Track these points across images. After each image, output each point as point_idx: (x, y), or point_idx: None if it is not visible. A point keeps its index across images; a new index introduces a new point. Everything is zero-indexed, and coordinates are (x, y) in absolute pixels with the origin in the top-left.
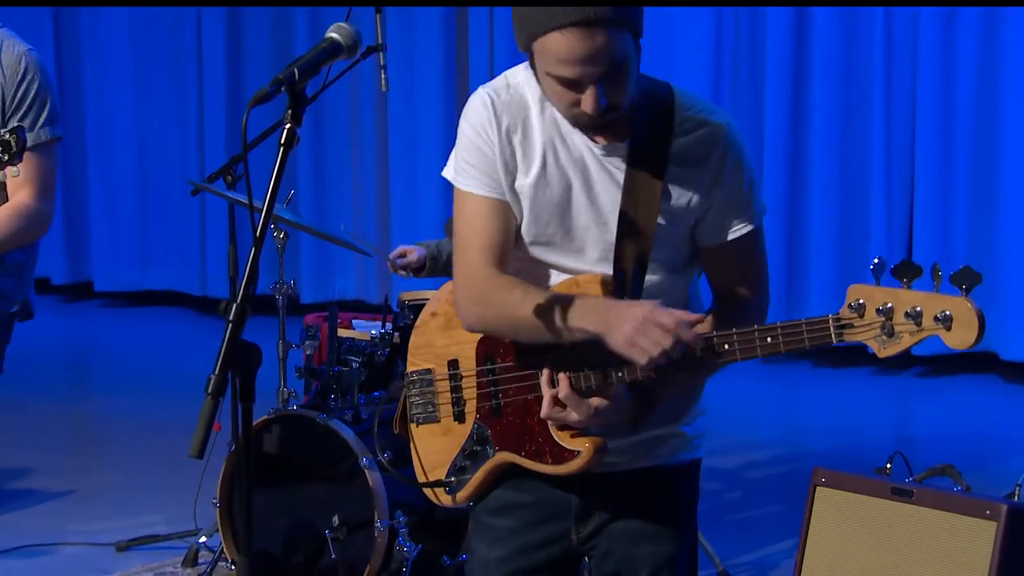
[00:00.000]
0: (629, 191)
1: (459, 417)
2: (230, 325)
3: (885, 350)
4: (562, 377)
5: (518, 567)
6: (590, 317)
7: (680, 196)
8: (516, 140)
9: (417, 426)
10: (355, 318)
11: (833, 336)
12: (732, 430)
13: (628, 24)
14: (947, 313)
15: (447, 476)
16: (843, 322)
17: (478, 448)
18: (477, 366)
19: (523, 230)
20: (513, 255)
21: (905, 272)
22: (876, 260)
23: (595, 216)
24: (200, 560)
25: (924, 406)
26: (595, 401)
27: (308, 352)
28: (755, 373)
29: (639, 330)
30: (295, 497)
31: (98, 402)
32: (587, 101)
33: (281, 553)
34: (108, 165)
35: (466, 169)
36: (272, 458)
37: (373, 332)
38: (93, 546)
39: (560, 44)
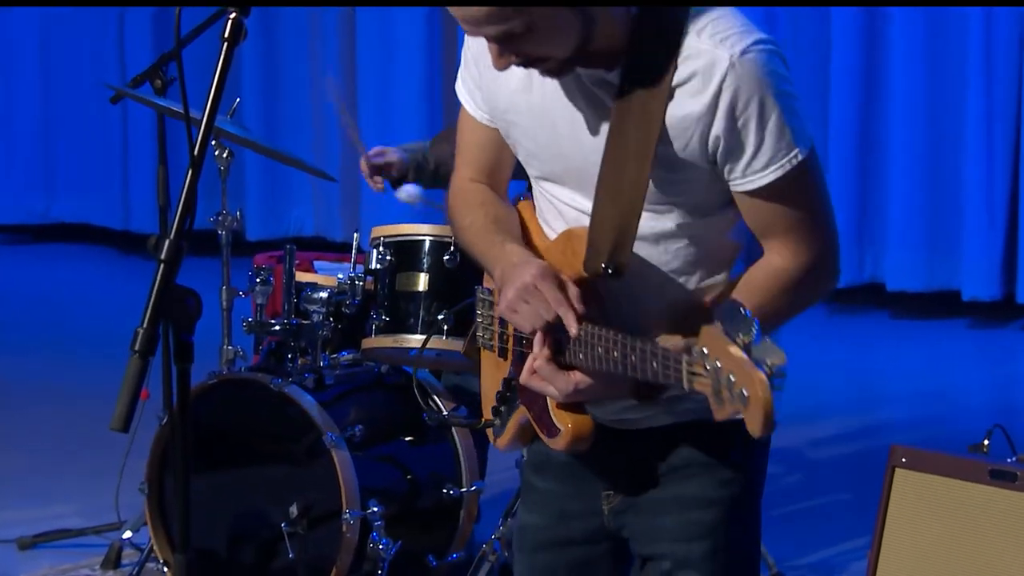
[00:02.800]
0: (617, 128)
1: (502, 353)
2: (161, 267)
3: (716, 412)
4: (543, 345)
5: (556, 538)
6: (497, 269)
7: (679, 136)
8: (483, 65)
9: (483, 349)
10: (317, 258)
11: (684, 380)
12: (789, 398)
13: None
14: (745, 393)
15: (493, 415)
16: (693, 368)
17: (509, 394)
18: None
19: (525, 163)
20: (541, 190)
21: (739, 325)
22: (724, 302)
23: (588, 153)
24: (124, 561)
25: None
26: (577, 376)
27: (259, 301)
28: (820, 324)
29: (519, 295)
30: (243, 482)
31: None
32: (492, 56)
33: (226, 551)
34: (0, 64)
35: (460, 85)
36: (215, 434)
37: (340, 276)
38: None
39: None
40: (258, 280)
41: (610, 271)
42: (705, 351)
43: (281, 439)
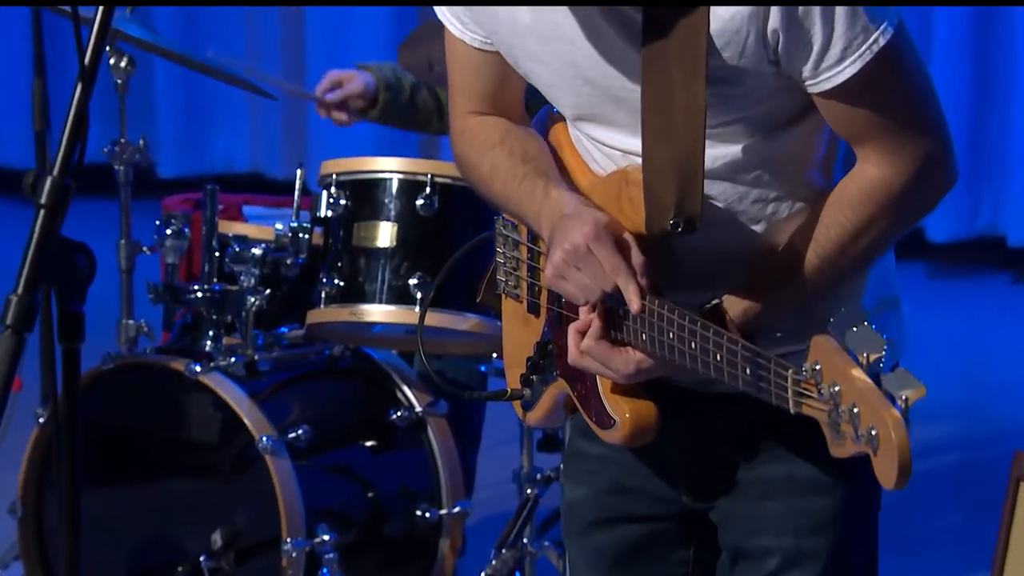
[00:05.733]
0: (652, 46)
1: (533, 309)
2: (41, 214)
3: (833, 448)
4: (594, 318)
5: (611, 514)
6: (545, 228)
7: (731, 43)
8: None
9: (505, 297)
10: (248, 203)
11: (790, 401)
12: None
13: None
14: (875, 432)
15: (521, 384)
16: (802, 387)
17: (543, 362)
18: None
19: (549, 100)
20: (578, 132)
21: (863, 341)
22: (842, 310)
23: (622, 79)
24: None
25: None
26: (639, 354)
27: (169, 260)
28: (916, 287)
29: (568, 259)
30: (150, 502)
31: None
32: None
33: None
34: None
35: (441, 7)
36: (113, 437)
37: (278, 227)
38: None
39: None
40: (169, 232)
41: (680, 227)
42: (818, 367)
43: (200, 444)
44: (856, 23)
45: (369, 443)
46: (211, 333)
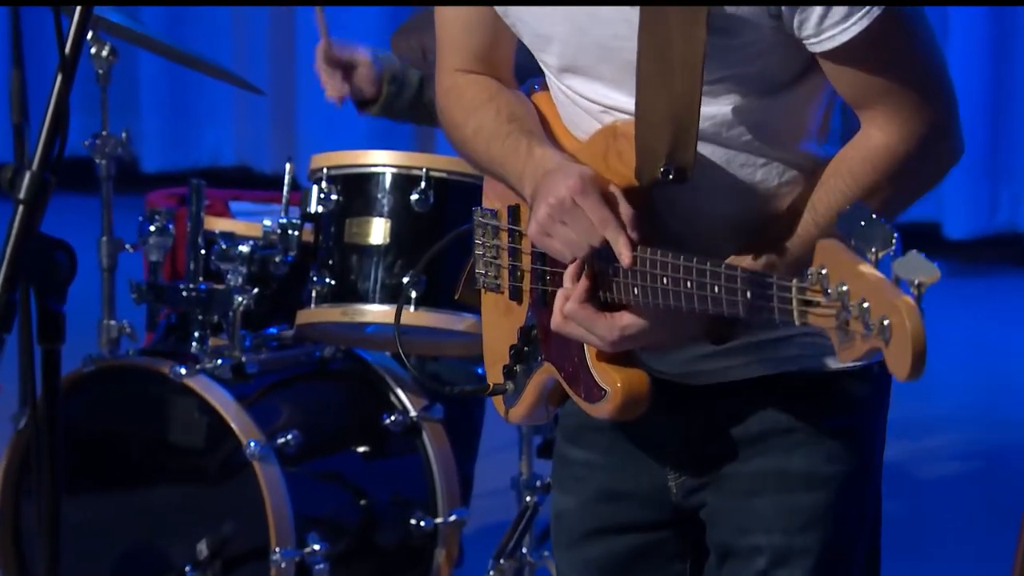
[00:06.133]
0: None
1: (516, 295)
2: (20, 209)
3: (841, 353)
4: (582, 280)
5: (602, 524)
6: (527, 185)
7: None
8: None
9: (485, 292)
10: (235, 198)
11: (795, 313)
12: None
13: None
14: (887, 323)
15: (504, 376)
16: (807, 295)
17: (528, 349)
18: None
19: (535, 52)
20: (562, 89)
21: (872, 237)
22: (849, 207)
23: (615, 26)
24: None
25: None
26: (624, 319)
27: (153, 258)
28: (939, 300)
29: (553, 214)
30: (133, 509)
31: None
32: None
33: None
34: None
35: None
36: (94, 442)
37: (266, 223)
38: None
39: None
40: (152, 228)
41: (671, 175)
42: (824, 271)
43: (185, 450)
44: None
45: (361, 449)
46: (196, 334)
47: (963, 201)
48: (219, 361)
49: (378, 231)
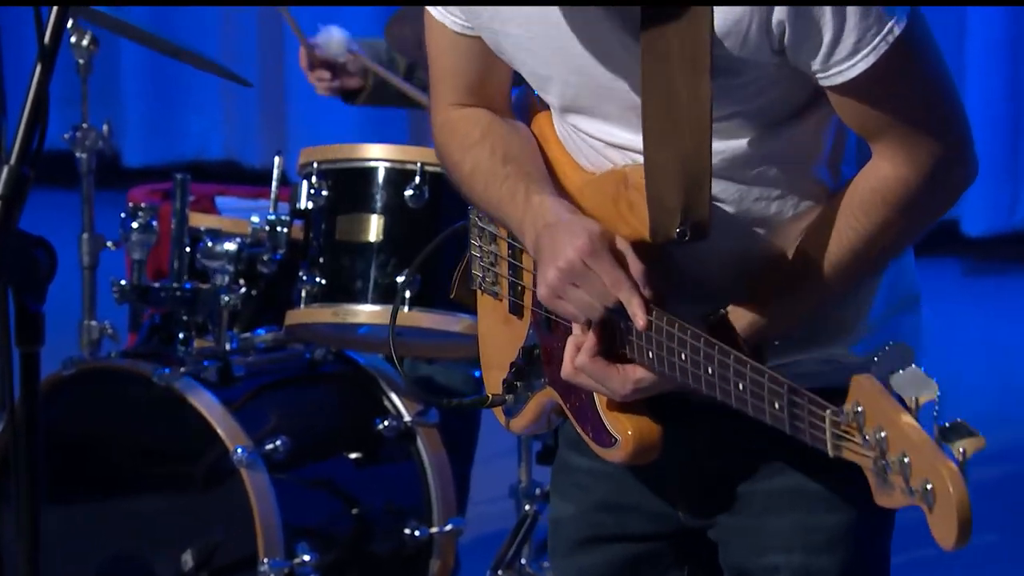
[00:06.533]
0: (651, 34)
1: (516, 310)
2: None
3: (879, 497)
4: (590, 335)
5: (599, 532)
6: (526, 235)
7: (732, 32)
8: None
9: (482, 293)
10: (222, 194)
11: (828, 444)
12: None
13: None
14: (930, 487)
15: (504, 390)
16: (842, 430)
17: (529, 368)
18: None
19: (536, 89)
20: (567, 126)
21: (913, 384)
22: (888, 346)
23: (615, 68)
24: None
25: None
26: (638, 372)
27: (136, 256)
28: (951, 285)
29: (564, 277)
30: (116, 517)
31: None
32: None
33: None
34: None
35: None
36: (75, 447)
37: (254, 220)
38: None
39: None
40: (135, 225)
41: (687, 235)
42: (860, 409)
43: (169, 456)
44: (869, 12)
45: (353, 455)
46: (181, 336)
47: (982, 198)
48: (205, 364)
49: (371, 228)
